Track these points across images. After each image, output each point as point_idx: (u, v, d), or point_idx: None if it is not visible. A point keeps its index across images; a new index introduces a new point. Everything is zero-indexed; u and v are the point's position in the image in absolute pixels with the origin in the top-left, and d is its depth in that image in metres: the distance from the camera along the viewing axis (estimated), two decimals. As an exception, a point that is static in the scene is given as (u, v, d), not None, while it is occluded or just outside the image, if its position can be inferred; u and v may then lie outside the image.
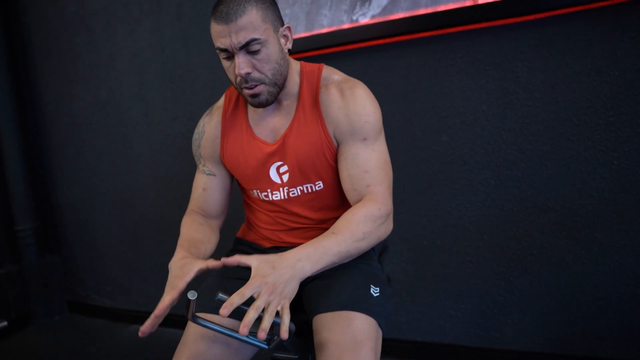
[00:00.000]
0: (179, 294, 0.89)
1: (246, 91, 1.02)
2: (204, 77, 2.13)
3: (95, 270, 2.69)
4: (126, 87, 2.35)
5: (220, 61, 2.05)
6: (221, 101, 1.18)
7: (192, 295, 0.84)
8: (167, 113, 2.26)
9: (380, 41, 1.70)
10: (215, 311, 1.07)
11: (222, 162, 1.16)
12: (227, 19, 0.94)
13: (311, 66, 1.12)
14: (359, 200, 1.02)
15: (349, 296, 1.00)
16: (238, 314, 1.09)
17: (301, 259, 0.89)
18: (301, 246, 0.92)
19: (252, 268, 0.87)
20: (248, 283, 0.84)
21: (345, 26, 1.72)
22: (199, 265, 0.91)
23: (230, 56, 0.99)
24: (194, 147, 1.19)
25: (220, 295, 0.83)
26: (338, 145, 1.06)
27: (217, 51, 1.00)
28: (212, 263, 0.92)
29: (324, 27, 1.75)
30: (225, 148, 1.14)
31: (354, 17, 1.70)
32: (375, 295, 1.04)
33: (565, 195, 1.61)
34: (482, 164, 1.70)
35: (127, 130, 2.40)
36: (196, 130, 1.19)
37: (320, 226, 1.15)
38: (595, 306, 1.63)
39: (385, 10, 1.66)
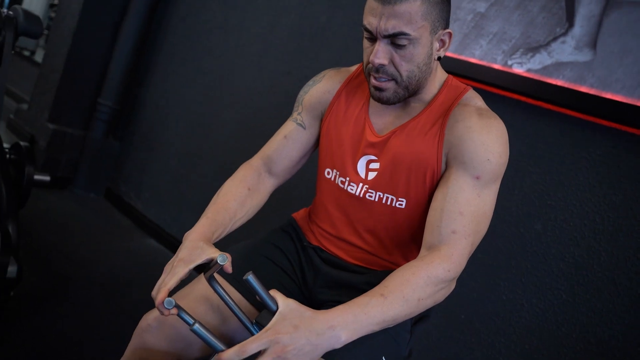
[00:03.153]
0: (177, 282, 0.80)
1: (373, 81, 0.93)
2: (334, 49, 2.04)
3: (144, 173, 2.71)
4: (257, 23, 2.31)
5: (358, 41, 1.98)
6: (353, 68, 1.10)
7: (221, 260, 0.77)
8: (281, 65, 2.20)
9: (524, 98, 1.54)
10: (233, 282, 1.00)
11: (322, 121, 1.07)
12: None
13: (458, 82, 1.02)
14: (432, 246, 0.88)
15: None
16: (249, 294, 1.00)
17: (335, 327, 0.74)
18: (341, 308, 0.77)
19: (275, 314, 0.74)
20: (258, 335, 0.72)
21: (496, 66, 1.57)
22: (209, 255, 0.82)
23: (373, 39, 0.90)
24: (301, 92, 1.11)
25: (251, 276, 0.74)
26: (445, 169, 0.94)
27: (362, 28, 0.91)
28: (227, 265, 0.81)
29: (474, 57, 1.60)
30: (332, 110, 1.05)
31: (510, 62, 1.55)
32: None
33: (636, 349, 1.39)
34: (564, 272, 1.51)
35: (237, 62, 2.37)
36: (314, 77, 1.12)
37: (378, 257, 1.03)
38: None
39: (545, 70, 1.49)
